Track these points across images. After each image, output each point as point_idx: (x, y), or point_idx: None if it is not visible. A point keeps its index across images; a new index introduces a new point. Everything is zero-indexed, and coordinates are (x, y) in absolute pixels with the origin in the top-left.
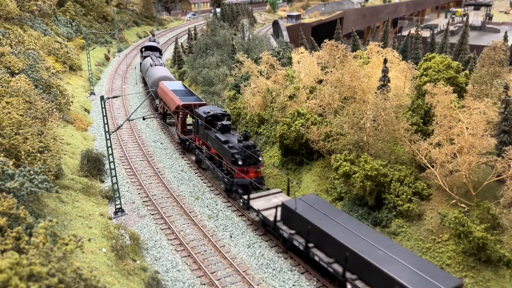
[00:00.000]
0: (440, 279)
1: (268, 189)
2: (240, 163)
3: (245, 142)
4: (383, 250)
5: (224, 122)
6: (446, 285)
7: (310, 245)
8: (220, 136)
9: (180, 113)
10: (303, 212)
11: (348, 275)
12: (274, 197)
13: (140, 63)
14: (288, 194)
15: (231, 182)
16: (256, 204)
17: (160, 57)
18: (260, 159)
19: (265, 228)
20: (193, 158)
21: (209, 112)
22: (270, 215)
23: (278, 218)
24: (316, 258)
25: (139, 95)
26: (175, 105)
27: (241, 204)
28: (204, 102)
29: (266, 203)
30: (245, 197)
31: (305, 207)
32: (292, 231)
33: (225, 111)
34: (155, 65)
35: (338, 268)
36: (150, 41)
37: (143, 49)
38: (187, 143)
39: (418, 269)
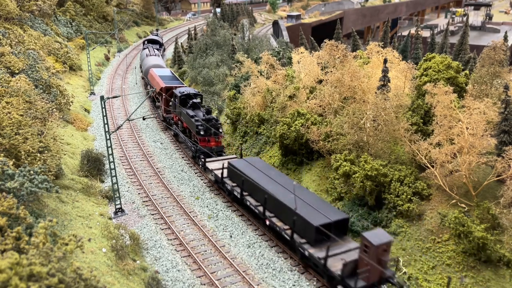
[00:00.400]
0: (331, 213)
1: (226, 154)
2: (202, 133)
3: (206, 116)
4: (294, 194)
5: (195, 100)
6: (331, 217)
7: (245, 193)
8: (190, 111)
9: (163, 94)
10: (242, 168)
11: (267, 214)
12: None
13: (140, 55)
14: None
15: (195, 149)
16: (212, 165)
17: (158, 49)
18: (220, 130)
19: (217, 184)
20: (172, 132)
21: (183, 92)
22: (220, 173)
23: (225, 175)
24: (248, 203)
25: (139, 95)
26: (159, 88)
27: (201, 166)
28: (184, 85)
29: (219, 165)
30: (203, 160)
31: (245, 165)
32: (234, 184)
33: (198, 92)
34: (150, 55)
35: (261, 209)
36: (153, 35)
37: (145, 42)
38: (168, 120)
39: (317, 207)
